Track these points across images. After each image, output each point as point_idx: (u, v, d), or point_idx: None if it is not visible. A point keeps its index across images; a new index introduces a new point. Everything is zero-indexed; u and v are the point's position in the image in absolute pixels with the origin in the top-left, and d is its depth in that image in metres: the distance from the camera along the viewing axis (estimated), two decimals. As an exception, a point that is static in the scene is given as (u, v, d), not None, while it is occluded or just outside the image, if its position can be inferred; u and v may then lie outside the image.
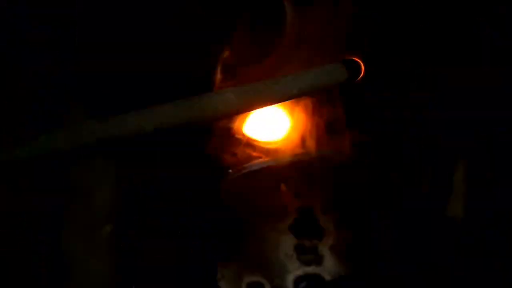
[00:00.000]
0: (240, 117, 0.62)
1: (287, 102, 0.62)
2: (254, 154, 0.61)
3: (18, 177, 0.50)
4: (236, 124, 0.62)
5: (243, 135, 0.61)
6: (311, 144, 0.62)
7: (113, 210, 0.59)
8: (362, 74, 0.57)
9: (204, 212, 0.63)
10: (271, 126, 0.63)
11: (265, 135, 0.63)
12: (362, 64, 0.57)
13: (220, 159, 0.60)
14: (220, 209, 0.61)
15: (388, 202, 0.66)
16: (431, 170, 0.65)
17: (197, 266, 0.66)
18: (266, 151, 0.62)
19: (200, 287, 0.67)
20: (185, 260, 0.67)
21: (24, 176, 0.51)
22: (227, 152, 0.60)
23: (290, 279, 0.71)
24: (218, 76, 0.56)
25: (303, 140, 0.63)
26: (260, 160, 0.60)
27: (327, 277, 0.71)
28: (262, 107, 0.51)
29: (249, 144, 0.62)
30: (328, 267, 0.72)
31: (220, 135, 0.60)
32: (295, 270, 0.72)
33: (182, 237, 0.67)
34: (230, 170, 0.58)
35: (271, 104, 0.52)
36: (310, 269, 0.72)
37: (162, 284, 0.70)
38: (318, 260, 0.72)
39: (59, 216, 0.60)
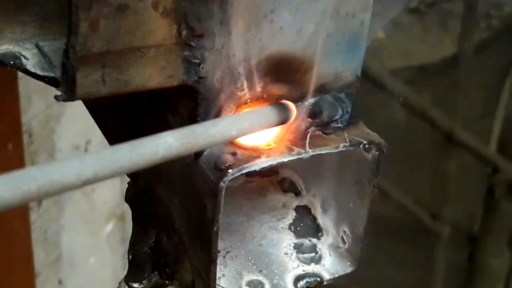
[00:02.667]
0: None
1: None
2: (254, 154, 0.61)
3: None
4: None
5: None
6: (307, 143, 0.63)
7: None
8: (294, 116, 0.60)
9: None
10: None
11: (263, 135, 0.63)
12: (294, 107, 0.60)
13: (220, 159, 0.60)
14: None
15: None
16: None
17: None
18: (265, 151, 0.62)
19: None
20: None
21: None
22: (227, 152, 0.61)
23: (289, 277, 0.71)
24: None
25: (300, 139, 0.64)
26: (260, 160, 0.61)
27: (327, 276, 0.72)
28: (202, 149, 0.53)
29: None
30: (328, 266, 0.72)
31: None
32: (294, 269, 0.72)
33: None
34: (230, 170, 0.59)
35: (211, 146, 0.53)
36: (310, 268, 0.72)
37: None
38: (317, 259, 0.72)
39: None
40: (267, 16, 0.59)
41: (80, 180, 0.45)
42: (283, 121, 0.60)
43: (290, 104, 0.61)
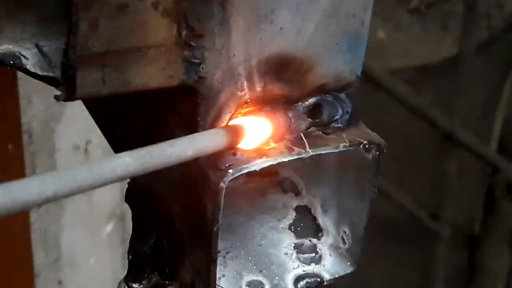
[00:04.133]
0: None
1: (279, 103, 0.63)
2: (254, 154, 0.61)
3: None
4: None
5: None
6: (307, 143, 0.63)
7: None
8: (243, 138, 0.60)
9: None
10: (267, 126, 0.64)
11: (262, 135, 0.63)
12: (244, 129, 0.60)
13: (220, 159, 0.60)
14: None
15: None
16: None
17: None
18: (265, 151, 0.62)
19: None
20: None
21: None
22: (227, 153, 0.60)
23: (289, 278, 0.71)
24: None
25: (300, 139, 0.64)
26: (260, 160, 0.61)
27: (327, 276, 0.72)
28: (159, 168, 0.53)
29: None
30: (328, 266, 0.72)
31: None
32: (294, 269, 0.72)
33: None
34: (230, 170, 0.59)
35: (168, 165, 0.54)
36: (310, 268, 0.72)
37: None
38: (317, 259, 0.72)
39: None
40: (267, 16, 0.59)
41: (41, 198, 0.47)
42: (234, 144, 0.60)
43: (242, 127, 0.61)
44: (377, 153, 0.65)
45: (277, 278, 0.71)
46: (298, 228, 0.74)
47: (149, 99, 0.65)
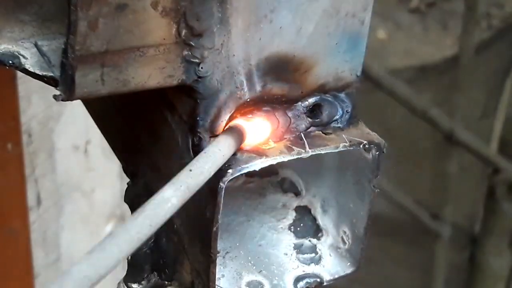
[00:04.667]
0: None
1: (279, 103, 0.63)
2: (254, 154, 0.61)
3: None
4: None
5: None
6: (307, 143, 0.63)
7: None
8: (245, 139, 0.60)
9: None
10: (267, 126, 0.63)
11: (261, 135, 0.63)
12: (246, 131, 0.61)
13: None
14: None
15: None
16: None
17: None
18: (265, 151, 0.62)
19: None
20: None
21: None
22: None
23: (289, 278, 0.71)
24: None
25: (300, 139, 0.64)
26: (260, 160, 0.61)
27: (327, 277, 0.71)
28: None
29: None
30: (328, 266, 0.72)
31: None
32: (294, 269, 0.72)
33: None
34: (230, 170, 0.59)
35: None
36: (310, 269, 0.72)
37: None
38: (317, 259, 0.72)
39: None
40: (266, 16, 0.59)
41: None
42: (238, 148, 0.61)
43: (244, 129, 0.61)
44: (377, 153, 0.65)
45: (276, 278, 0.71)
46: (298, 228, 0.74)
47: (148, 99, 0.65)
